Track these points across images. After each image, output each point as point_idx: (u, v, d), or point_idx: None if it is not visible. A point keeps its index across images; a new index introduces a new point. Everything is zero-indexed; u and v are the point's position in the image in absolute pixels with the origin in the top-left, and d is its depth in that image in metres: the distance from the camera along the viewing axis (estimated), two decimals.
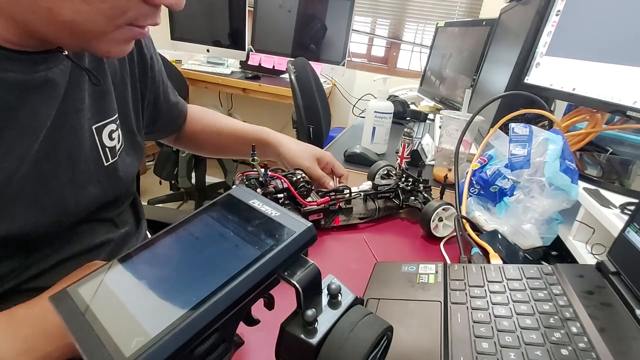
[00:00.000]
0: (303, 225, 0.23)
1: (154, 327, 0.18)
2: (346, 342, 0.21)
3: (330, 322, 0.22)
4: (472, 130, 0.82)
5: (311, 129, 1.54)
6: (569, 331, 0.37)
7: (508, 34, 1.06)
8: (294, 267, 0.22)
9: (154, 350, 0.17)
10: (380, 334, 0.22)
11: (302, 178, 0.62)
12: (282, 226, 0.23)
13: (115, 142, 0.52)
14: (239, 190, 0.27)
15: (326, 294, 0.23)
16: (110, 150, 0.51)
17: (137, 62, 0.58)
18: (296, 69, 1.52)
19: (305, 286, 0.22)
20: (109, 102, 0.51)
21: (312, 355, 0.22)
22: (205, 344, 0.19)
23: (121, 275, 0.22)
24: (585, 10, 0.71)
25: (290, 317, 0.23)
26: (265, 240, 0.22)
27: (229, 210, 0.25)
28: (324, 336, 0.22)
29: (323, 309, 0.23)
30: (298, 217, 0.23)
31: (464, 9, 2.45)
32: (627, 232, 0.45)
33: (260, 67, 2.41)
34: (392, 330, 0.24)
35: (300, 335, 0.22)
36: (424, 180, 0.71)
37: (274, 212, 0.24)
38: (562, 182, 0.57)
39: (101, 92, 0.49)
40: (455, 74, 1.45)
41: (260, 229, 0.23)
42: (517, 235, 0.59)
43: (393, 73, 2.70)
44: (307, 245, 0.23)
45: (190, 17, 2.37)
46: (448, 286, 0.46)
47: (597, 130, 0.75)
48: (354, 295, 0.24)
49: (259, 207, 0.24)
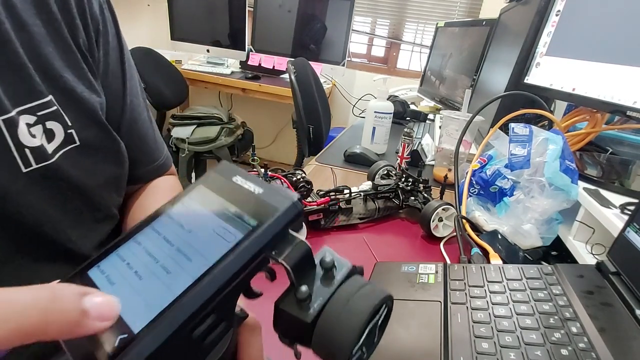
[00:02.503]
0: (288, 201, 0.21)
1: (138, 322, 0.18)
2: (341, 316, 0.21)
3: (325, 296, 0.22)
4: (472, 130, 0.82)
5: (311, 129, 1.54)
6: (569, 331, 0.37)
7: (508, 34, 1.06)
8: (281, 245, 0.21)
9: (138, 348, 0.17)
10: (377, 304, 0.21)
11: (302, 178, 0.62)
12: (266, 203, 0.22)
13: (41, 139, 0.36)
14: (222, 167, 0.25)
15: (320, 268, 0.23)
16: (34, 151, 0.36)
17: (72, 18, 0.40)
18: (296, 69, 1.52)
19: (294, 264, 0.21)
20: (18, 81, 0.35)
21: (307, 331, 0.21)
22: (202, 326, 0.19)
23: (102, 270, 0.21)
24: (585, 10, 0.71)
25: (284, 294, 0.22)
26: (248, 221, 0.21)
27: (211, 189, 0.24)
28: (319, 312, 0.21)
29: (318, 284, 0.22)
30: (283, 192, 0.22)
31: (464, 9, 2.45)
32: (627, 232, 0.45)
33: (260, 67, 2.41)
34: (392, 299, 0.23)
35: (294, 313, 0.21)
36: (424, 180, 0.71)
37: (258, 189, 0.23)
38: (562, 182, 0.57)
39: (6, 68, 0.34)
40: (455, 74, 1.45)
41: (243, 208, 0.22)
42: (517, 235, 0.59)
43: (393, 73, 2.70)
44: (293, 221, 0.22)
45: (190, 17, 2.37)
46: (448, 286, 0.46)
47: (597, 130, 0.75)
48: (350, 266, 0.23)
49: (242, 184, 0.23)
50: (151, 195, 0.52)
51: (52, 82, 0.37)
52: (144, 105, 0.52)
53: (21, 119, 0.34)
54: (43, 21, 0.37)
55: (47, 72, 0.37)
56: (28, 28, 0.35)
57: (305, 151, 1.63)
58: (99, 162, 0.43)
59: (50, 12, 0.37)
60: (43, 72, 0.36)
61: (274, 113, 2.80)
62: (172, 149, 2.23)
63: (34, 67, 0.35)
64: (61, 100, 0.38)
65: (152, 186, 0.54)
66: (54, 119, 0.37)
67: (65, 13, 0.39)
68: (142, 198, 0.52)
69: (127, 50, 0.49)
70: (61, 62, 0.38)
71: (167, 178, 0.57)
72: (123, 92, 0.48)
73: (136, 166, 0.51)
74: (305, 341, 0.22)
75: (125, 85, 0.48)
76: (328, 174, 0.90)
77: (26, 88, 0.35)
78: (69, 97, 0.38)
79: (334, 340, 0.21)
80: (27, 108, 0.35)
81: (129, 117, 0.48)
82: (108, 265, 0.21)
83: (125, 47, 0.48)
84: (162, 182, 0.55)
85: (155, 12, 2.61)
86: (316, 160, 1.00)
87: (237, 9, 2.29)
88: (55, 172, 0.38)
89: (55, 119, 0.37)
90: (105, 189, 0.44)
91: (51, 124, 0.37)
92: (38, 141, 0.36)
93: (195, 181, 0.25)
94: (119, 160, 0.45)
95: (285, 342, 0.24)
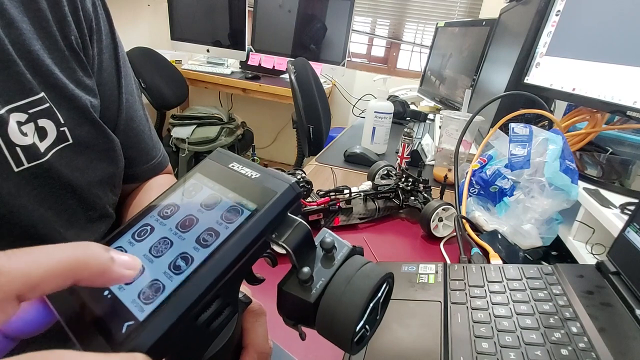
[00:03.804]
0: (285, 184, 0.22)
1: (143, 309, 0.18)
2: (343, 295, 0.21)
3: (327, 277, 0.22)
4: (472, 130, 0.82)
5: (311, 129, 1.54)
6: (569, 331, 0.37)
7: (508, 34, 1.06)
8: (281, 228, 0.22)
9: (144, 335, 0.17)
10: (378, 282, 0.22)
11: (302, 178, 0.62)
12: (264, 188, 0.22)
13: (33, 137, 0.35)
14: (218, 154, 0.25)
15: (321, 249, 0.23)
16: (26, 150, 0.35)
17: (66, 15, 0.39)
18: (296, 69, 1.52)
19: (295, 246, 0.22)
20: (7, 79, 0.34)
21: (311, 312, 0.22)
22: (207, 312, 0.19)
23: None
24: (585, 10, 0.71)
25: (286, 276, 0.23)
26: (247, 206, 0.21)
27: (208, 176, 0.24)
28: (321, 292, 0.22)
29: (319, 265, 0.23)
30: (280, 175, 0.23)
31: (464, 9, 2.45)
32: (627, 232, 0.45)
33: (260, 67, 2.41)
34: (392, 276, 0.24)
35: (297, 294, 0.22)
36: (424, 180, 0.71)
37: (255, 174, 0.23)
38: (562, 182, 0.57)
39: None
40: (455, 74, 1.45)
41: (241, 193, 0.22)
42: (517, 235, 0.59)
43: (393, 73, 2.70)
44: (292, 203, 0.22)
45: (190, 17, 2.37)
46: (448, 286, 0.46)
47: (597, 130, 0.75)
48: (350, 247, 0.24)
49: (239, 170, 0.24)
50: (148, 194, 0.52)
51: (44, 79, 0.36)
52: (139, 103, 0.52)
53: (11, 117, 0.34)
54: (31, 18, 0.36)
55: (38, 69, 0.36)
56: (17, 24, 0.34)
57: (305, 151, 1.63)
58: (93, 161, 0.42)
59: (38, 9, 0.36)
60: (34, 69, 0.36)
61: (274, 113, 2.80)
62: (172, 149, 2.23)
63: (25, 64, 0.35)
64: (53, 97, 0.37)
65: (149, 185, 0.54)
66: (47, 116, 0.36)
67: (55, 11, 0.38)
68: (139, 196, 0.52)
69: (121, 48, 0.48)
70: (50, 60, 0.37)
71: (164, 177, 0.56)
72: (118, 90, 0.47)
73: (133, 164, 0.50)
74: (309, 322, 0.22)
75: (120, 83, 0.47)
76: (328, 174, 0.90)
77: (17, 85, 0.34)
78: (60, 95, 0.38)
79: (337, 320, 0.21)
80: (17, 106, 0.34)
81: (124, 115, 0.47)
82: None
83: (119, 45, 0.48)
84: (159, 181, 0.55)
85: (155, 12, 2.61)
86: (316, 160, 1.00)
87: (237, 9, 2.29)
88: (48, 171, 0.37)
89: (47, 116, 0.36)
90: (99, 187, 0.43)
91: (43, 121, 0.36)
92: (30, 140, 0.35)
93: (192, 169, 0.25)
94: (113, 158, 0.45)
95: (289, 324, 0.24)
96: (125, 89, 0.48)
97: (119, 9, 0.49)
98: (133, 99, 0.50)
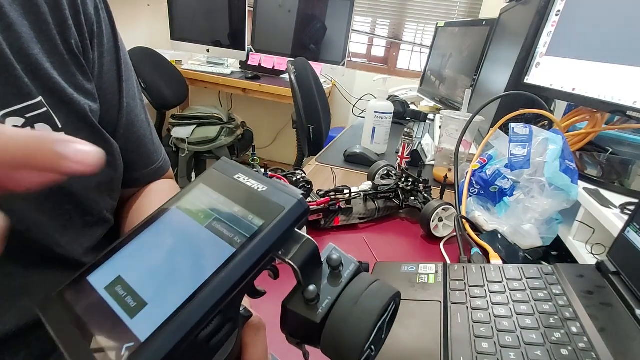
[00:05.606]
0: (293, 199, 0.21)
1: (144, 330, 0.17)
2: (351, 316, 0.21)
3: (333, 296, 0.21)
4: (472, 130, 0.82)
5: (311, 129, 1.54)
6: (569, 331, 0.37)
7: (508, 34, 1.06)
8: (288, 245, 0.21)
9: (145, 357, 0.16)
10: (386, 303, 0.21)
11: (302, 178, 0.62)
12: (271, 202, 0.21)
13: None
14: (223, 165, 0.24)
15: (327, 266, 0.22)
16: None
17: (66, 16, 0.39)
18: (296, 69, 1.52)
19: (302, 264, 0.21)
20: (4, 83, 0.34)
21: (316, 332, 0.21)
22: (208, 328, 0.19)
23: (106, 275, 0.20)
24: (585, 10, 0.71)
25: (291, 293, 0.22)
26: (253, 221, 0.20)
27: (213, 188, 0.23)
28: (327, 311, 0.21)
29: (325, 283, 0.22)
30: (288, 190, 0.22)
31: (464, 9, 2.45)
32: (627, 232, 0.45)
33: (260, 67, 2.41)
34: (399, 295, 0.23)
35: (302, 314, 0.21)
36: (424, 180, 0.71)
37: (261, 187, 0.22)
38: (562, 182, 0.57)
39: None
40: (455, 74, 1.45)
41: (247, 207, 0.21)
42: (517, 235, 0.59)
43: (393, 73, 2.70)
44: (299, 220, 0.21)
45: (190, 17, 2.37)
46: (448, 286, 0.46)
47: (597, 130, 0.75)
48: (357, 264, 0.23)
49: (244, 182, 0.23)
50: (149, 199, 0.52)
51: (42, 82, 0.36)
52: (141, 107, 0.51)
53: (8, 122, 0.33)
54: (31, 22, 0.35)
55: (37, 72, 0.36)
56: (15, 28, 0.34)
57: (305, 151, 1.63)
58: None
59: (39, 12, 0.36)
60: (33, 73, 0.35)
61: (274, 113, 2.80)
62: (172, 149, 2.23)
63: (23, 68, 0.34)
64: (51, 101, 0.36)
65: (149, 189, 0.53)
66: (44, 121, 0.36)
67: (56, 14, 0.38)
68: (139, 202, 0.51)
69: (124, 51, 0.48)
70: (50, 64, 0.37)
71: (165, 181, 0.56)
72: (119, 94, 0.47)
73: (133, 169, 0.50)
74: (313, 341, 0.22)
75: (121, 87, 0.47)
76: (328, 174, 0.90)
77: (14, 89, 0.34)
78: (59, 99, 0.37)
79: (343, 341, 0.20)
80: (14, 110, 0.33)
81: (125, 120, 0.47)
82: (118, 265, 0.21)
83: (122, 48, 0.47)
84: (160, 186, 0.55)
85: (155, 12, 2.61)
86: (316, 160, 1.00)
87: (237, 9, 2.29)
88: None
89: (45, 121, 0.36)
90: (97, 192, 0.43)
91: (40, 126, 0.35)
92: None
93: (196, 179, 0.24)
94: (112, 163, 0.44)
95: (293, 342, 0.23)
96: (127, 93, 0.48)
97: (118, 9, 0.49)
98: (134, 103, 0.50)
